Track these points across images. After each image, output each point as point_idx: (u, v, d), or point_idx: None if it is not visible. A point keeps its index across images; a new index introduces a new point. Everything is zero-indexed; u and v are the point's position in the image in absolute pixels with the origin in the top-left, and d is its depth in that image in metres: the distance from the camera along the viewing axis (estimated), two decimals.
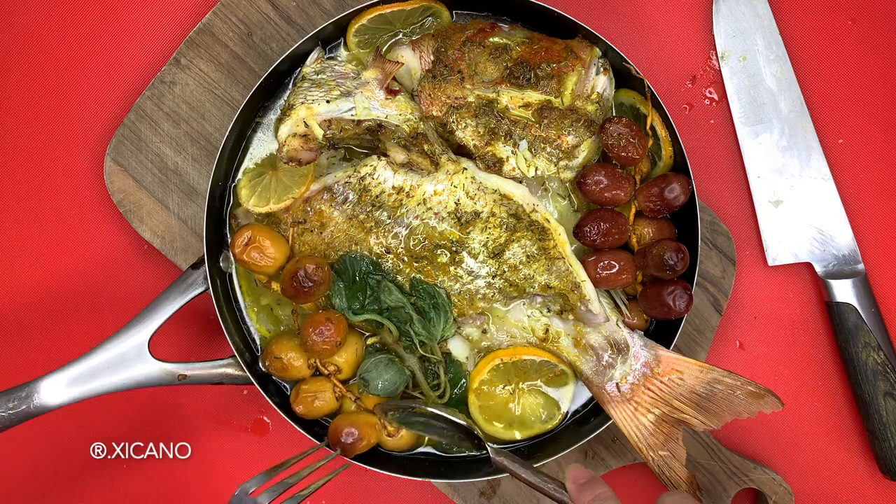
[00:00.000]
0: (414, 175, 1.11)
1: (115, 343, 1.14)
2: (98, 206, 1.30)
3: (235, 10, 1.25)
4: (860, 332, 1.22)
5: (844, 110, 1.29)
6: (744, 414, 1.09)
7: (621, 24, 1.30)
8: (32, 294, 1.29)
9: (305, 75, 1.13)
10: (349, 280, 1.13)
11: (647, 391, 1.12)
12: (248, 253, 1.11)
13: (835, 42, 1.30)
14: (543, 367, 1.16)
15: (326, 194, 1.12)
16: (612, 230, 1.11)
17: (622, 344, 1.13)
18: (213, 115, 1.25)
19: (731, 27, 1.28)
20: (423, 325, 1.12)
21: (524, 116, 1.12)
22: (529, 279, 1.12)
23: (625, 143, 1.10)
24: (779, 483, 1.23)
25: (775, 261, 1.27)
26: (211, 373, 1.17)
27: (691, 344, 1.25)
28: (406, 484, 1.29)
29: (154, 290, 1.22)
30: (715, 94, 1.29)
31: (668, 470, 1.10)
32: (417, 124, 1.10)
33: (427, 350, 1.14)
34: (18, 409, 1.11)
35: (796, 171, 1.27)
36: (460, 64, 1.12)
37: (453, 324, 1.13)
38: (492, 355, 1.15)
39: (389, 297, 1.12)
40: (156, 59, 1.29)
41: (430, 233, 1.12)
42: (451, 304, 1.12)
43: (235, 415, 1.29)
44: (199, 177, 1.26)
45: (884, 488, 1.28)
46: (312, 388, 1.14)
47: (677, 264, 1.08)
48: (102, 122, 1.29)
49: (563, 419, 1.19)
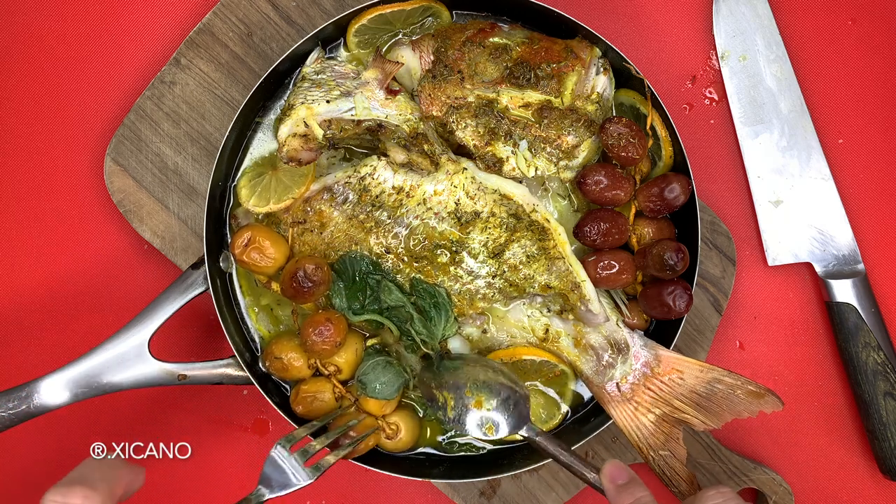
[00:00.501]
0: (414, 175, 1.11)
1: (115, 343, 1.14)
2: (98, 206, 1.30)
3: (235, 10, 1.25)
4: (860, 332, 1.22)
5: (844, 110, 1.29)
6: (744, 413, 1.09)
7: (621, 24, 1.30)
8: (32, 294, 1.29)
9: (305, 75, 1.13)
10: (349, 280, 1.13)
11: (648, 391, 1.12)
12: (248, 253, 1.11)
13: (835, 42, 1.30)
14: (543, 367, 1.16)
15: (326, 194, 1.12)
16: (612, 230, 1.11)
17: (622, 344, 1.13)
18: (213, 115, 1.25)
19: (731, 27, 1.28)
20: (423, 324, 1.12)
21: (524, 116, 1.12)
22: (529, 279, 1.12)
23: (625, 143, 1.10)
24: (779, 483, 1.23)
25: (775, 261, 1.27)
26: (211, 373, 1.17)
27: (691, 344, 1.25)
28: (406, 484, 1.29)
29: (154, 290, 1.22)
30: (715, 94, 1.29)
31: (668, 469, 1.10)
32: (417, 124, 1.10)
33: (428, 349, 1.14)
34: (18, 409, 1.11)
35: (796, 171, 1.27)
36: (460, 64, 1.12)
37: (454, 322, 1.13)
38: (492, 355, 1.15)
39: (389, 297, 1.12)
40: (156, 59, 1.29)
41: (430, 233, 1.12)
42: (451, 304, 1.12)
43: (235, 415, 1.29)
44: (199, 177, 1.26)
45: (884, 488, 1.28)
46: (312, 389, 1.14)
47: (677, 264, 1.08)
48: (102, 122, 1.29)
49: (563, 419, 1.19)
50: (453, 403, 1.07)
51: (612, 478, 0.95)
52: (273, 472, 1.02)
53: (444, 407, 1.07)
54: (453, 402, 1.07)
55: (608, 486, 0.96)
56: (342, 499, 1.30)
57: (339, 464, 1.27)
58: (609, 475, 0.95)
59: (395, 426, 1.15)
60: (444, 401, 1.07)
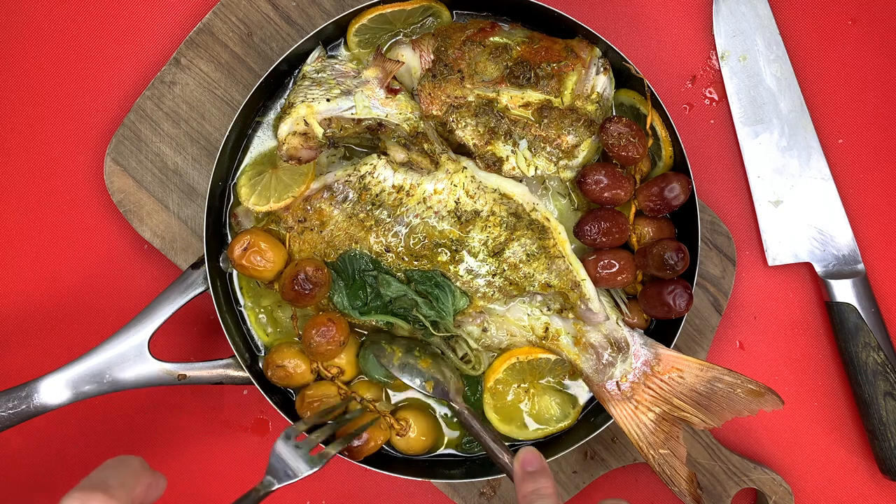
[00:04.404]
0: (414, 174, 1.11)
1: (115, 343, 1.14)
2: (98, 206, 1.30)
3: (235, 10, 1.25)
4: (860, 332, 1.22)
5: (844, 110, 1.29)
6: (744, 412, 1.09)
7: (621, 24, 1.30)
8: (32, 294, 1.29)
9: (306, 74, 1.13)
10: (349, 279, 1.13)
11: (648, 389, 1.12)
12: (248, 258, 1.11)
13: (835, 42, 1.30)
14: (558, 365, 1.16)
15: (326, 193, 1.12)
16: (612, 229, 1.11)
17: (622, 342, 1.13)
18: (213, 114, 1.26)
19: (731, 27, 1.28)
20: (429, 305, 1.12)
21: (524, 116, 1.12)
22: (529, 278, 1.12)
23: (625, 143, 1.10)
24: (779, 483, 1.23)
25: (775, 261, 1.27)
26: (211, 373, 1.17)
27: (691, 344, 1.25)
28: (406, 484, 1.29)
29: (154, 290, 1.23)
30: (715, 94, 1.30)
31: (668, 468, 1.10)
32: (417, 123, 1.10)
33: (441, 329, 1.13)
34: (18, 409, 1.11)
35: (796, 171, 1.27)
36: (460, 63, 1.12)
37: (462, 295, 1.13)
38: (507, 354, 1.15)
39: (389, 289, 1.12)
40: (156, 59, 1.29)
41: (430, 231, 1.12)
42: (450, 281, 1.12)
43: (235, 415, 1.29)
44: (199, 177, 1.26)
45: (884, 488, 1.28)
46: (318, 393, 1.14)
47: (677, 264, 1.08)
48: (102, 122, 1.29)
49: (577, 416, 1.19)
50: (401, 355, 1.13)
51: (523, 463, 0.98)
52: (279, 463, 1.03)
53: (390, 356, 1.12)
54: (401, 355, 1.13)
55: (517, 469, 0.99)
56: (342, 499, 1.30)
57: (339, 464, 1.27)
58: (522, 460, 0.98)
59: (404, 421, 1.15)
60: (391, 351, 1.13)
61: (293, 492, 1.29)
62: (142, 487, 0.86)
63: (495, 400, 1.16)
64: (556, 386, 1.19)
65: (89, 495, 0.80)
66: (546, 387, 1.18)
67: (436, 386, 1.12)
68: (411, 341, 1.16)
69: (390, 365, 1.12)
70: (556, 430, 1.18)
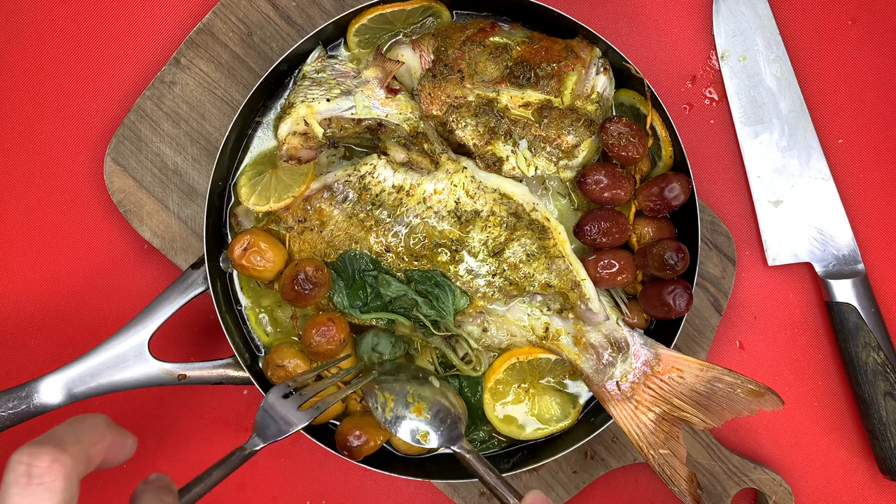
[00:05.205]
0: (414, 174, 1.11)
1: (114, 343, 1.14)
2: (98, 206, 1.30)
3: (235, 10, 1.25)
4: (860, 332, 1.22)
5: (844, 110, 1.29)
6: (744, 412, 1.09)
7: (621, 24, 1.30)
8: (32, 294, 1.29)
9: (306, 73, 1.13)
10: (349, 279, 1.13)
11: (648, 389, 1.12)
12: (248, 258, 1.11)
13: (835, 42, 1.30)
14: (558, 365, 1.16)
15: (326, 193, 1.12)
16: (612, 229, 1.11)
17: (622, 342, 1.13)
18: (213, 114, 1.26)
19: (731, 27, 1.28)
20: (429, 305, 1.12)
21: (524, 116, 1.12)
22: (529, 278, 1.12)
23: (625, 143, 1.10)
24: (779, 483, 1.23)
25: (775, 261, 1.27)
26: (211, 373, 1.17)
27: (691, 344, 1.25)
28: (406, 484, 1.29)
29: (154, 290, 1.22)
30: (715, 94, 1.30)
31: (668, 468, 1.10)
32: (417, 123, 1.10)
33: (441, 329, 1.13)
34: (18, 409, 1.11)
35: (796, 171, 1.27)
36: (460, 63, 1.12)
37: (462, 294, 1.13)
38: (507, 354, 1.15)
39: (389, 289, 1.12)
40: (156, 59, 1.29)
41: (430, 231, 1.12)
42: (450, 280, 1.12)
43: (235, 415, 1.29)
44: (199, 177, 1.26)
45: (884, 488, 1.28)
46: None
47: (677, 264, 1.08)
48: (102, 122, 1.29)
49: (577, 416, 1.19)
50: (393, 405, 1.09)
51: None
52: (266, 419, 1.01)
53: (382, 406, 1.09)
54: (393, 405, 1.09)
55: None
56: (342, 499, 1.30)
57: (339, 464, 1.27)
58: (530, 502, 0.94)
59: None
60: (384, 400, 1.09)
61: (293, 492, 1.29)
62: (102, 444, 0.78)
63: (496, 400, 1.16)
64: (557, 386, 1.19)
65: (39, 450, 0.73)
66: (546, 387, 1.18)
67: (431, 435, 1.08)
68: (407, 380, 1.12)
69: (382, 419, 1.08)
70: (557, 430, 1.19)
